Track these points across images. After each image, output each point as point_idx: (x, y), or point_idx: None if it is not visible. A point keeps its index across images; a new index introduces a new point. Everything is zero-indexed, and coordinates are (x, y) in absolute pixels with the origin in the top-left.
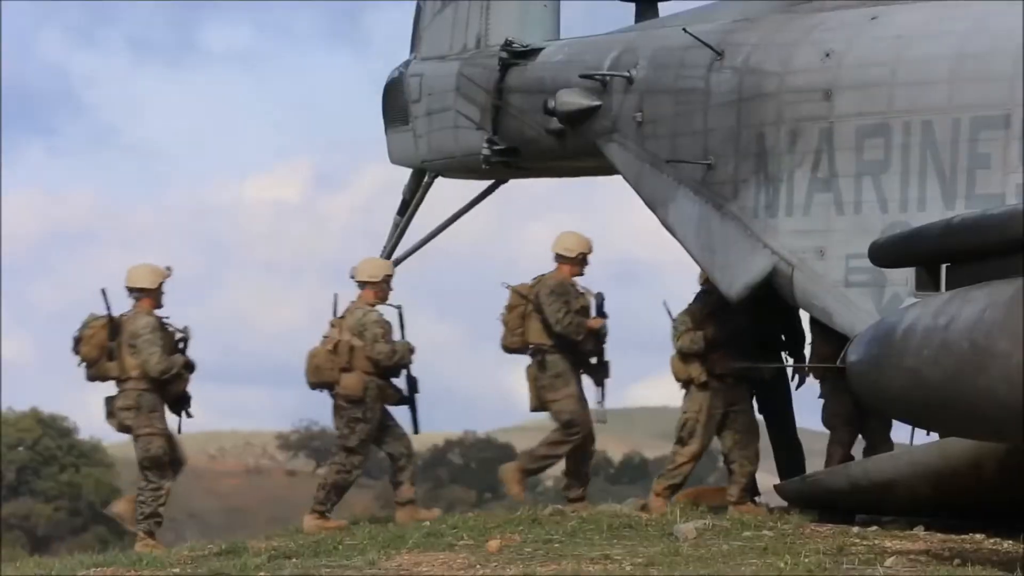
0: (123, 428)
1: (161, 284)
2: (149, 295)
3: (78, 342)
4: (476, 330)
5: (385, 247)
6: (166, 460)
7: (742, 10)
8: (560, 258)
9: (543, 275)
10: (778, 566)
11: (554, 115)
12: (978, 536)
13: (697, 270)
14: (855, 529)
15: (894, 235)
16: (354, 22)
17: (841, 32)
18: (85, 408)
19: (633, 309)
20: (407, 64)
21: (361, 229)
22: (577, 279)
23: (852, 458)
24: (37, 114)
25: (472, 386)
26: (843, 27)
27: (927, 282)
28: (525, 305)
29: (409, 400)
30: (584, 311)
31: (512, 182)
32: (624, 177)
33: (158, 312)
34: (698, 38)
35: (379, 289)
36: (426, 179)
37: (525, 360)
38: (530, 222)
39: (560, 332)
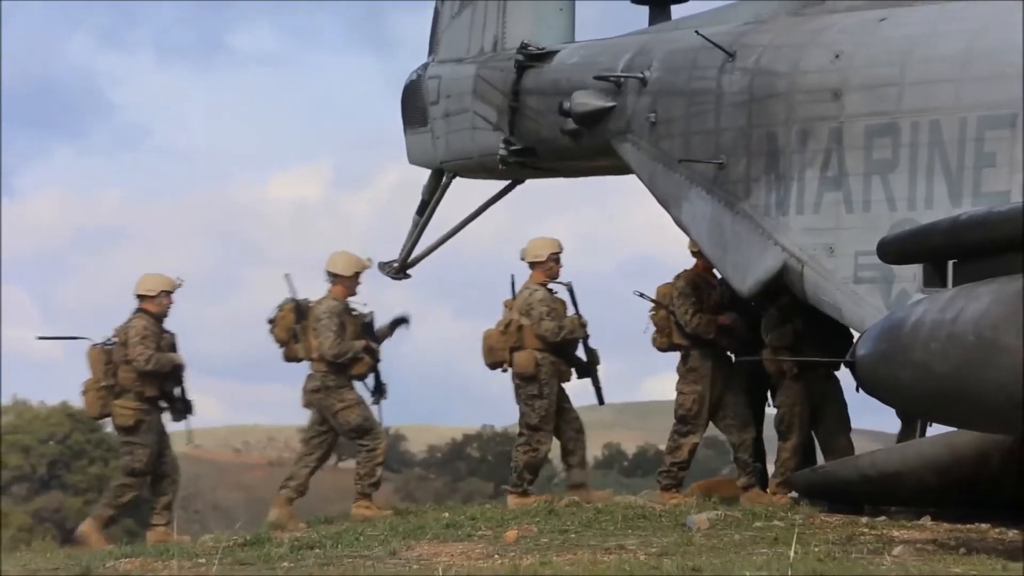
0: (313, 406)
1: (358, 273)
2: (343, 281)
3: (272, 324)
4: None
5: (404, 245)
6: (368, 425)
7: (753, 12)
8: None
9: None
10: (788, 555)
11: (569, 116)
12: (983, 526)
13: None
14: (863, 519)
15: (902, 232)
16: (375, 25)
17: (850, 34)
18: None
19: (646, 305)
20: (425, 67)
21: (381, 227)
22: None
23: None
24: (67, 116)
25: (489, 382)
26: (852, 29)
27: (934, 278)
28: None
29: (589, 373)
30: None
31: (528, 182)
32: (638, 176)
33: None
34: (710, 40)
35: (546, 268)
36: (444, 179)
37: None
38: (548, 220)
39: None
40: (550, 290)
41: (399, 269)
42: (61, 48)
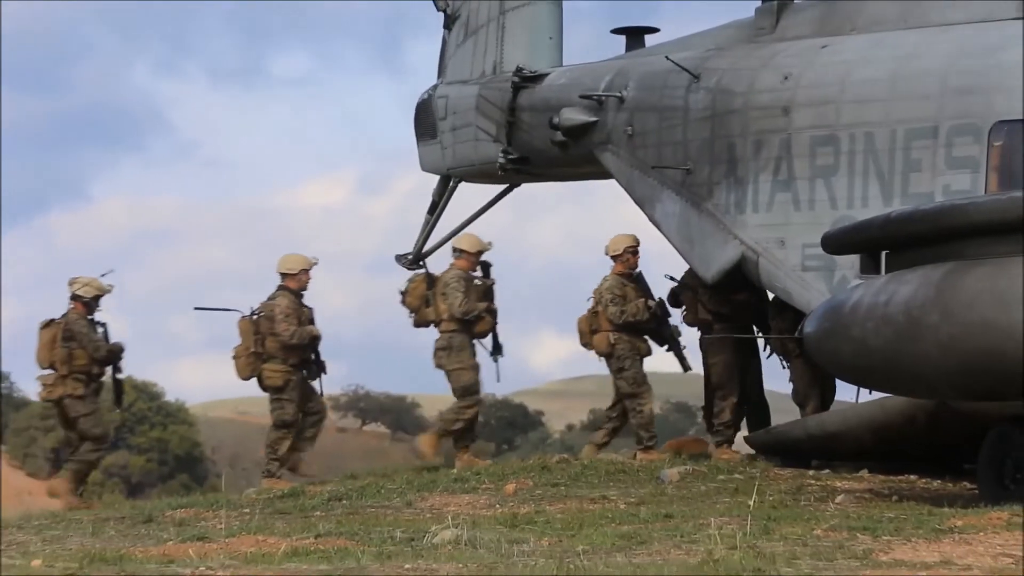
0: (439, 366)
1: (480, 252)
2: (467, 256)
3: (404, 294)
4: None
5: (418, 240)
6: (473, 388)
7: (714, 40)
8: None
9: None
10: (748, 503)
11: (558, 129)
12: (912, 477)
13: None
14: (811, 472)
15: (842, 227)
16: (393, 53)
17: (797, 58)
18: (171, 376)
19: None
20: (435, 87)
21: (398, 226)
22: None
23: None
24: (132, 133)
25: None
26: (799, 54)
27: (870, 266)
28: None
29: (671, 346)
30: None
31: (524, 186)
32: (617, 181)
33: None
34: (678, 64)
35: (623, 260)
36: (451, 184)
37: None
38: (540, 218)
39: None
40: (627, 279)
41: (413, 260)
42: (127, 76)
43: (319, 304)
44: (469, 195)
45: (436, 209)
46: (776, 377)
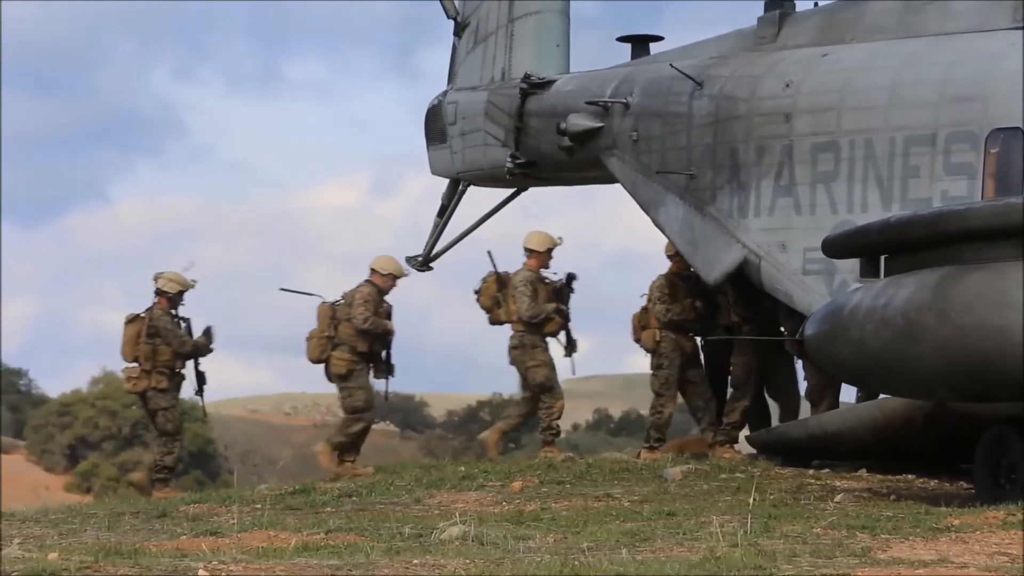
0: (513, 364)
1: (550, 249)
2: (537, 256)
3: (478, 294)
4: None
5: (427, 242)
6: (550, 384)
7: (717, 48)
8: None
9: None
10: (748, 502)
11: (565, 135)
12: (910, 476)
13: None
14: (811, 471)
15: (842, 231)
16: (405, 59)
17: (798, 66)
18: (185, 373)
19: (631, 292)
20: (445, 93)
21: (408, 228)
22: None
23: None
24: (149, 137)
25: (498, 355)
26: (800, 62)
27: (869, 270)
28: None
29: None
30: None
31: (531, 190)
32: (622, 185)
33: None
34: (682, 71)
35: (677, 260)
36: (460, 187)
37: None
38: (546, 221)
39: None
40: (679, 279)
41: (423, 262)
42: (145, 82)
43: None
44: (478, 199)
45: (445, 212)
46: None
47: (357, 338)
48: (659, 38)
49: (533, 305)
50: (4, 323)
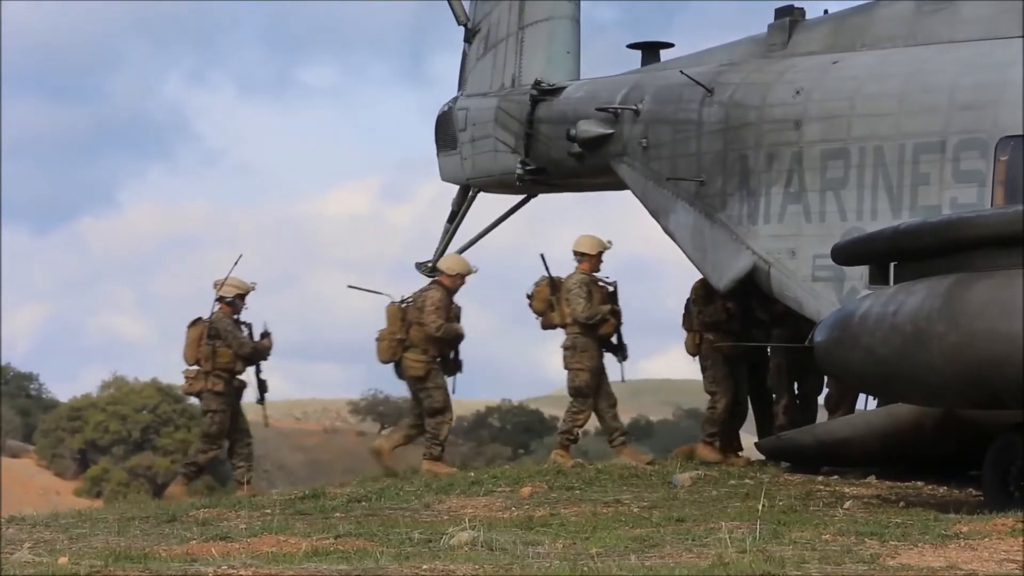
0: (565, 367)
1: (601, 252)
2: (589, 259)
3: (530, 299)
4: (511, 315)
5: (437, 248)
6: (586, 391)
7: (728, 55)
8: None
9: None
10: (757, 508)
11: (575, 141)
12: (919, 483)
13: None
14: (820, 478)
15: (852, 238)
16: (417, 66)
17: (808, 73)
18: None
19: (641, 299)
20: (455, 100)
21: (419, 234)
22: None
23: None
24: (160, 142)
25: (508, 361)
26: (810, 69)
27: (878, 277)
28: None
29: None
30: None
31: (541, 196)
32: (632, 192)
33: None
34: (693, 78)
35: None
36: (470, 194)
37: (553, 339)
38: (556, 228)
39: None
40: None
41: (432, 268)
42: (157, 86)
43: (342, 310)
44: (488, 205)
45: (455, 218)
46: None
47: (429, 343)
48: (669, 45)
49: (589, 306)
50: (15, 328)
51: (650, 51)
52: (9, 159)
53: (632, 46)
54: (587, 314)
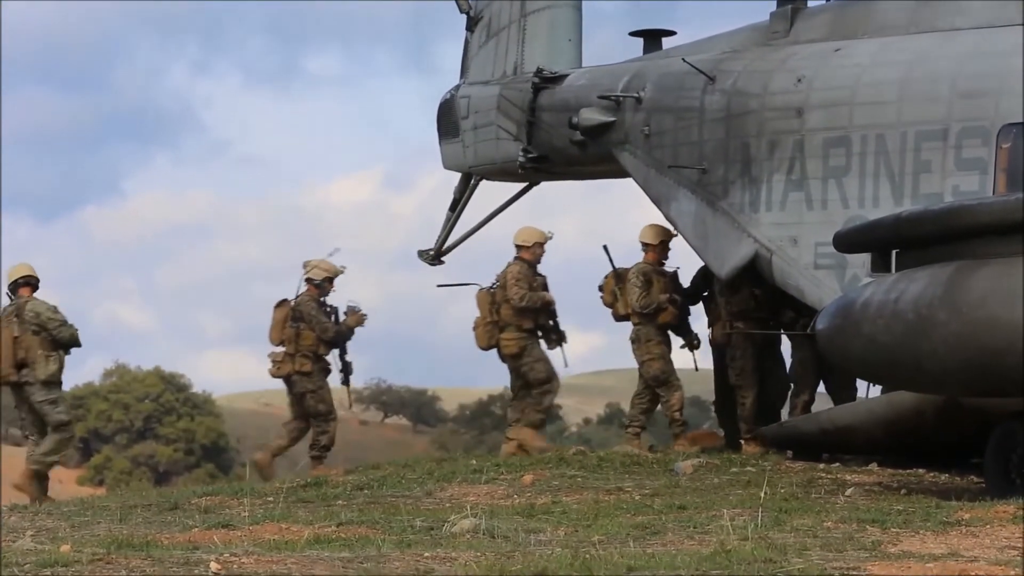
0: (636, 359)
1: (665, 241)
2: (652, 248)
3: (601, 291)
4: None
5: (439, 236)
6: (664, 377)
7: (730, 43)
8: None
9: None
10: (759, 495)
11: (577, 129)
12: (921, 471)
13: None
14: (821, 465)
15: (854, 226)
16: (420, 54)
17: (810, 61)
18: (198, 368)
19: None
20: (457, 88)
21: (421, 222)
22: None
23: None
24: (166, 132)
25: None
26: (812, 57)
27: (880, 265)
28: None
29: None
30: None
31: (543, 184)
32: (634, 180)
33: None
34: (694, 66)
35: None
36: (472, 181)
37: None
38: (558, 216)
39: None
40: None
41: (434, 256)
42: (163, 78)
43: (344, 299)
44: (489, 193)
45: (457, 206)
46: None
47: (520, 317)
48: (671, 33)
49: (644, 296)
50: None
51: (652, 39)
52: (14, 149)
53: (634, 34)
54: (641, 303)
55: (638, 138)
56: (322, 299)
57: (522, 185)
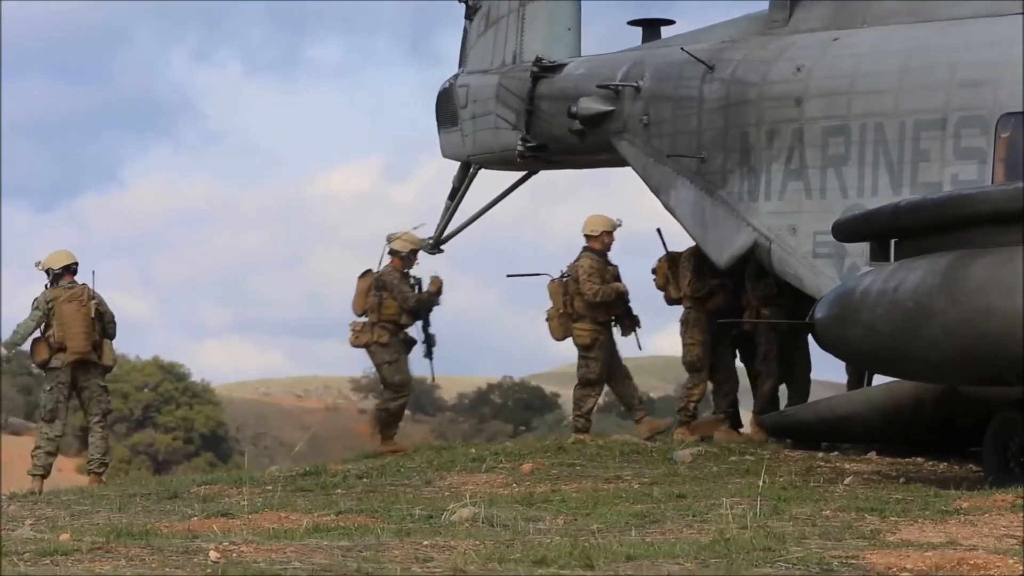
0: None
1: None
2: None
3: (655, 274)
4: (513, 292)
5: (438, 225)
6: (699, 365)
7: (729, 32)
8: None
9: None
10: (758, 484)
11: (576, 118)
12: (919, 459)
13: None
14: (820, 454)
15: (852, 215)
16: (420, 43)
17: (809, 51)
18: (196, 357)
19: (644, 275)
20: (456, 76)
21: (421, 211)
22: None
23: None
24: (165, 121)
25: (508, 339)
26: (811, 46)
27: (879, 254)
28: None
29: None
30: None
31: (542, 173)
32: (633, 169)
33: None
34: (693, 55)
35: None
36: (471, 170)
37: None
38: (557, 205)
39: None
40: None
41: (434, 245)
42: (162, 67)
43: (346, 287)
44: (488, 182)
45: (456, 195)
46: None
47: (594, 310)
48: (670, 22)
49: (695, 280)
50: (16, 306)
51: (651, 28)
52: (13, 137)
53: (633, 23)
54: (693, 287)
55: (637, 127)
56: (406, 271)
57: (521, 174)
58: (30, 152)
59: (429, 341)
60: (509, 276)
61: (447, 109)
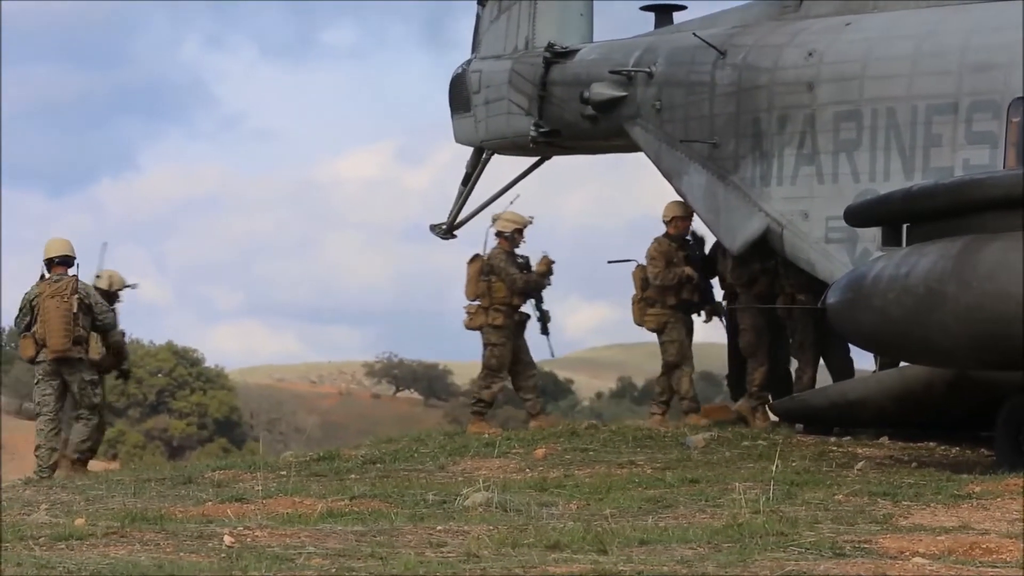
0: None
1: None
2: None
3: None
4: None
5: (451, 210)
6: (751, 351)
7: (741, 18)
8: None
9: None
10: (770, 469)
11: (589, 104)
12: (931, 444)
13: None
14: (833, 439)
15: (865, 200)
16: (433, 29)
17: (821, 35)
18: (210, 341)
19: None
20: (469, 62)
21: (434, 196)
22: None
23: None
24: (178, 106)
25: None
26: (822, 31)
27: (891, 239)
28: None
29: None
30: None
31: (555, 158)
32: (646, 154)
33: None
34: (705, 40)
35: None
36: (484, 156)
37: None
38: (571, 190)
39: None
40: None
41: (447, 230)
42: (175, 51)
43: (358, 273)
44: (501, 167)
45: (469, 180)
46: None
47: (663, 293)
48: (682, 7)
49: (737, 266)
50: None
51: (663, 13)
52: (27, 122)
53: (645, 8)
54: (736, 274)
55: (649, 112)
56: (513, 250)
57: (534, 159)
58: (44, 137)
59: (544, 318)
60: (610, 263)
61: (460, 95)
